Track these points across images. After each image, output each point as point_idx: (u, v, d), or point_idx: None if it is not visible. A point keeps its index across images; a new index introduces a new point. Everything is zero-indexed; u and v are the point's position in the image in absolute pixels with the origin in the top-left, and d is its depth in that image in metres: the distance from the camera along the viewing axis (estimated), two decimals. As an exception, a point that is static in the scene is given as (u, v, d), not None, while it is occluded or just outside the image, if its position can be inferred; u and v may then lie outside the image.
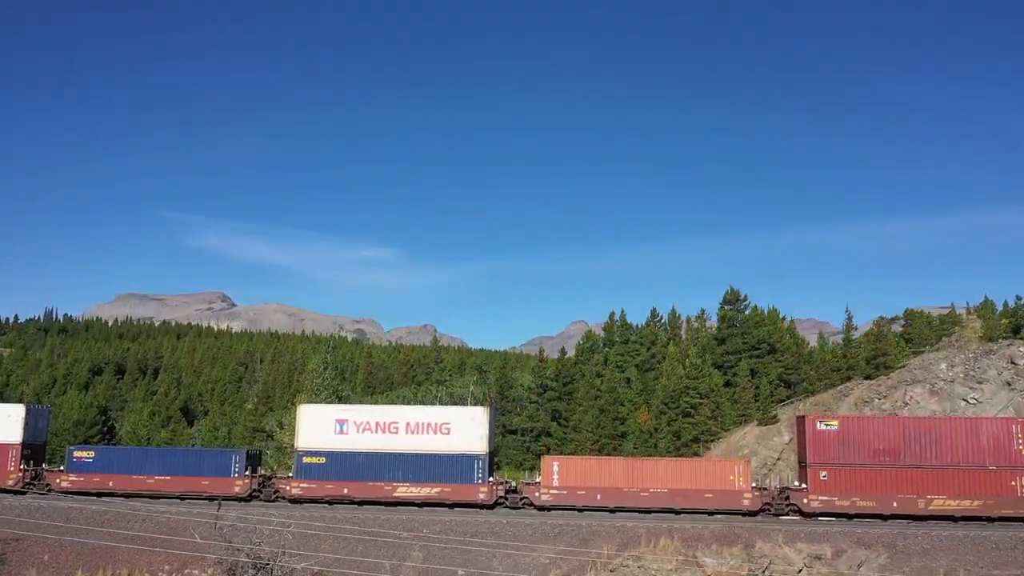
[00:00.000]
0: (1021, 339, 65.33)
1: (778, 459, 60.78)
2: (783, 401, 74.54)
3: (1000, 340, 67.58)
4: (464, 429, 51.33)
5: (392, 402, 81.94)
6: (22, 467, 54.57)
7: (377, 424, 52.18)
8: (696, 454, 63.32)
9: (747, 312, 76.44)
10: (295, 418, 54.07)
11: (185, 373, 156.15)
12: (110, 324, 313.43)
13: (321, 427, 52.47)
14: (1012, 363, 61.45)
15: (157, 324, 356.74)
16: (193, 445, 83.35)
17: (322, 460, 52.00)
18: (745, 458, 61.92)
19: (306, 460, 52.16)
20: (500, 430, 68.39)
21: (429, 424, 51.81)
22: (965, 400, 59.23)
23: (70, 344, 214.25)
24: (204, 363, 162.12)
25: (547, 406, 66.82)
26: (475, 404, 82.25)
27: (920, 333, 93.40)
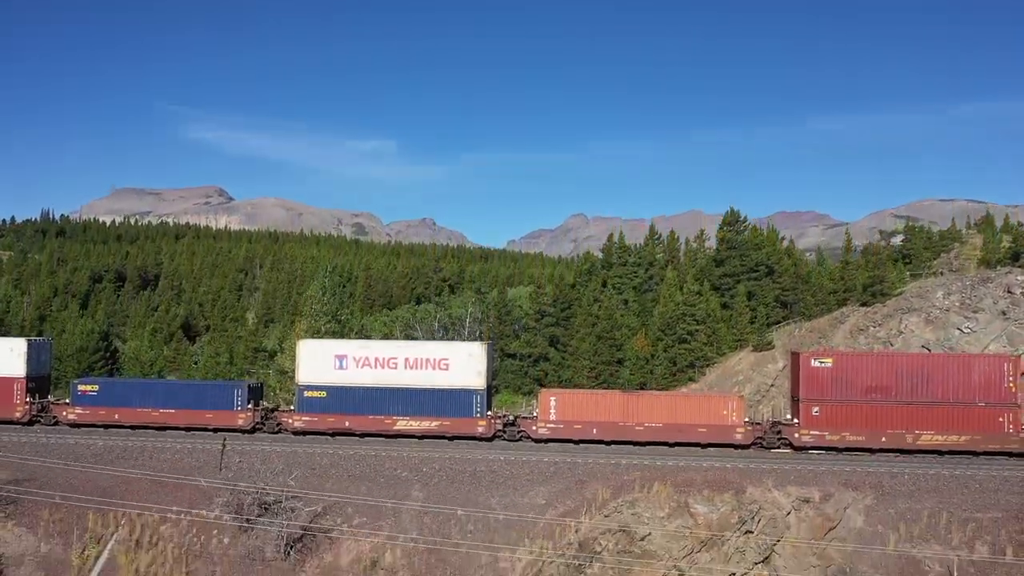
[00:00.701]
0: (1020, 266, 65.22)
1: (771, 385, 61.77)
2: (779, 323, 75.23)
3: (998, 267, 67.51)
4: (462, 365, 51.95)
5: (392, 323, 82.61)
6: (28, 400, 55.52)
7: (376, 359, 52.77)
8: (691, 380, 64.34)
9: (746, 234, 76.00)
10: (295, 350, 54.58)
11: (185, 280, 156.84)
12: (108, 225, 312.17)
13: (321, 362, 53.10)
14: (1008, 292, 61.55)
15: (155, 223, 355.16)
16: (196, 363, 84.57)
17: (323, 394, 52.89)
18: (739, 384, 63.11)
19: (307, 394, 53.07)
20: (498, 355, 69.22)
21: (428, 360, 52.40)
22: (959, 329, 59.67)
23: (69, 248, 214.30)
24: (204, 270, 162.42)
25: (545, 332, 67.35)
26: (473, 323, 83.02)
27: (918, 252, 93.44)
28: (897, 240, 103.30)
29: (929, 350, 59.41)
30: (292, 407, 54.13)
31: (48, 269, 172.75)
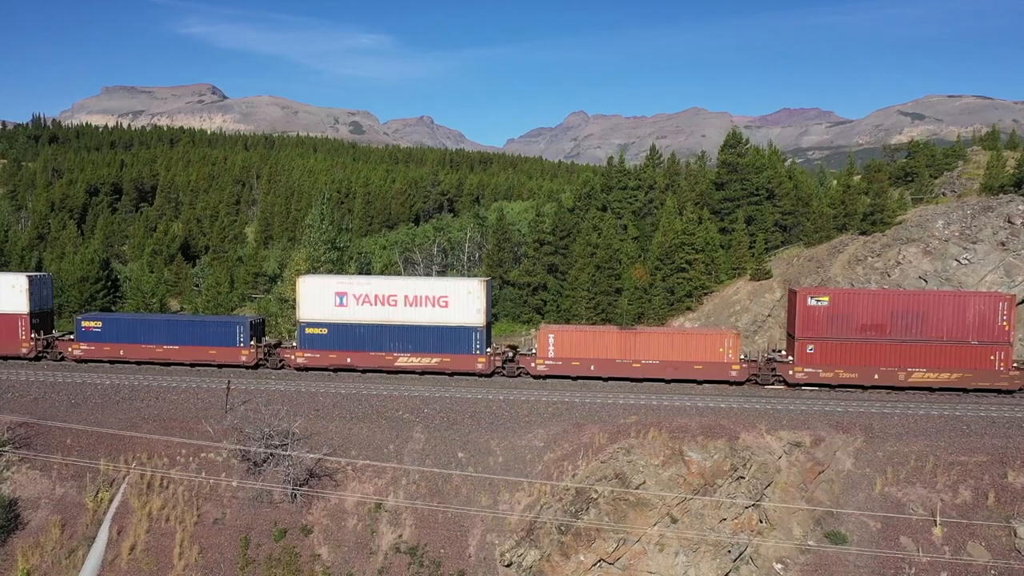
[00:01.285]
0: (1022, 195, 64.70)
1: (768, 315, 62.35)
2: (778, 247, 75.29)
3: (1000, 195, 66.97)
4: (462, 302, 52.35)
5: (391, 247, 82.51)
6: (33, 336, 56.19)
7: (376, 297, 53.13)
8: (689, 309, 64.86)
9: (747, 156, 75.06)
10: (296, 287, 54.83)
11: (182, 193, 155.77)
12: (101, 130, 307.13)
13: (322, 299, 53.48)
14: (1009, 222, 61.30)
15: (148, 125, 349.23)
16: (197, 288, 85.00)
17: (324, 331, 53.54)
18: (736, 314, 63.68)
19: (309, 331, 53.72)
20: (497, 283, 69.57)
21: (428, 297, 52.76)
22: (957, 260, 59.75)
23: (63, 156, 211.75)
24: (200, 182, 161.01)
25: (544, 260, 67.44)
26: (472, 246, 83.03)
27: (921, 171, 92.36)
28: (901, 157, 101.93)
29: (926, 282, 59.70)
30: (294, 343, 54.87)
31: (44, 181, 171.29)
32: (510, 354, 53.59)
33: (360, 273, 71.36)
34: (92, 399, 47.83)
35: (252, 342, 53.98)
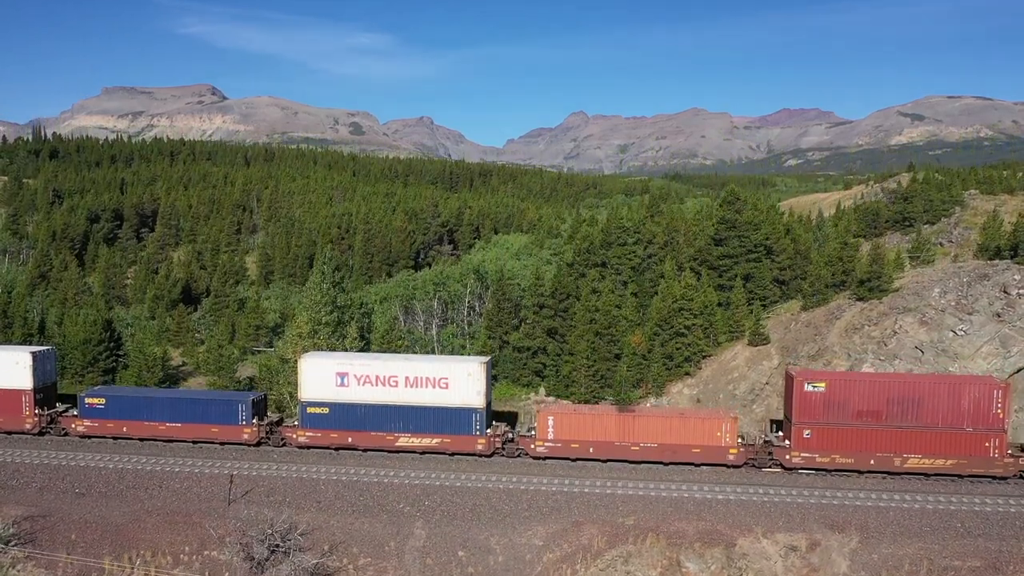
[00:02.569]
0: (1017, 263, 65.17)
1: (766, 383, 62.86)
2: (776, 302, 75.80)
3: (997, 260, 67.45)
4: (462, 384, 52.84)
5: (390, 298, 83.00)
6: (36, 412, 56.70)
7: (377, 377, 53.61)
8: (688, 374, 65.37)
9: (745, 213, 75.57)
10: (298, 366, 55.38)
11: (183, 219, 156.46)
12: (101, 143, 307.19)
13: (323, 379, 54.00)
14: (1004, 292, 61.79)
15: (148, 130, 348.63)
16: (199, 338, 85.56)
17: (326, 411, 54.06)
18: (734, 382, 64.20)
19: (310, 410, 54.24)
20: (497, 343, 70.09)
21: (428, 379, 53.25)
22: (953, 331, 60.23)
23: (63, 174, 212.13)
24: (201, 207, 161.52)
25: (543, 323, 67.94)
26: (472, 292, 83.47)
27: (918, 215, 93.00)
28: (894, 183, 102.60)
29: (923, 352, 60.21)
30: (295, 421, 55.34)
31: (44, 202, 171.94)
32: (510, 435, 54.07)
33: (362, 332, 71.88)
34: (96, 487, 48.31)
35: (254, 420, 54.49)
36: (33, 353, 57.12)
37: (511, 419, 62.37)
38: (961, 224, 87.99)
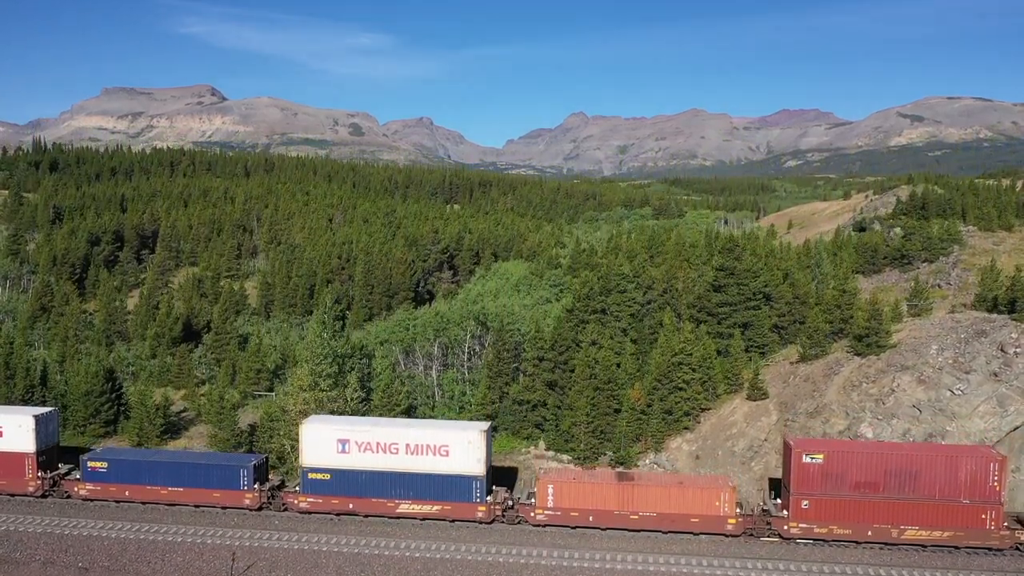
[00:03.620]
0: (1015, 319, 65.48)
1: (765, 440, 63.16)
2: (774, 349, 76.19)
3: (995, 313, 67.82)
4: (462, 452, 53.19)
5: (390, 343, 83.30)
6: (39, 475, 57.05)
7: (378, 444, 53.97)
8: (687, 429, 65.70)
9: (744, 261, 75.93)
10: (299, 433, 55.75)
11: (183, 241, 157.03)
12: (101, 154, 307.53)
13: (324, 445, 54.37)
14: (1002, 351, 62.12)
15: (148, 148, 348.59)
16: (199, 378, 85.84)
17: (327, 477, 54.42)
18: (733, 439, 64.52)
19: (311, 476, 54.60)
20: (497, 395, 70.48)
21: (429, 446, 53.60)
22: (951, 391, 60.54)
23: (63, 190, 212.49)
24: (202, 228, 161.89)
25: (543, 376, 68.30)
26: (472, 336, 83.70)
27: (915, 253, 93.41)
28: (896, 233, 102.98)
29: (920, 411, 60.52)
30: (297, 487, 55.68)
31: (44, 220, 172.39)
32: (510, 502, 54.41)
33: (362, 380, 72.25)
34: (100, 560, 48.56)
35: (256, 485, 54.84)
36: (36, 416, 57.46)
37: (511, 476, 62.85)
38: (959, 265, 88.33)
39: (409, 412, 72.39)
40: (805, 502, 50.47)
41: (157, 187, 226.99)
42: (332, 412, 67.03)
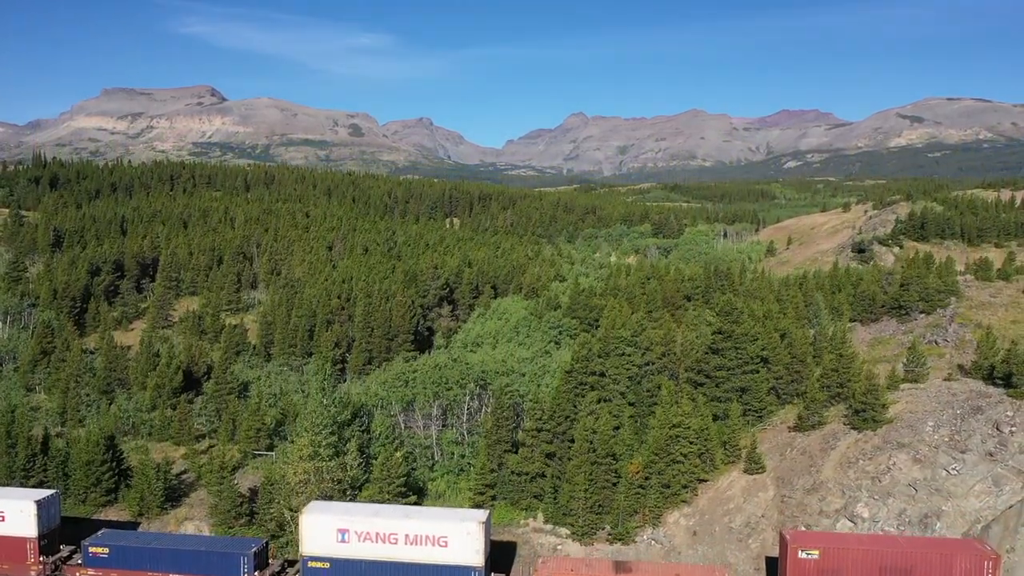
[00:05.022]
0: (1010, 395, 65.89)
1: (762, 516, 63.56)
2: (772, 412, 76.74)
3: (990, 388, 68.27)
4: (461, 543, 53.64)
5: (388, 402, 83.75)
6: (41, 559, 57.51)
7: (377, 535, 54.42)
8: (685, 502, 66.11)
9: (742, 324, 76.37)
10: (298, 522, 56.15)
11: (184, 271, 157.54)
12: (101, 168, 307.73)
13: (324, 534, 54.82)
14: (997, 429, 62.56)
15: (149, 164, 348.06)
16: (196, 416, 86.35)
17: (327, 565, 54.86)
18: (730, 514, 64.96)
19: (312, 564, 55.06)
20: (496, 463, 70.97)
21: (427, 536, 54.05)
22: (946, 470, 60.96)
23: (63, 211, 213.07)
24: (202, 256, 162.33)
25: (542, 447, 68.76)
26: (472, 394, 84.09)
27: (912, 303, 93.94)
28: (894, 276, 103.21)
29: (916, 490, 60.98)
30: (297, 573, 56.17)
31: (45, 243, 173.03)
32: (509, 589, 54.96)
33: (361, 447, 72.68)
34: (101, 659, 49.15)
35: (256, 572, 55.29)
36: (38, 501, 57.91)
37: (510, 552, 63.34)
38: (956, 319, 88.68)
39: (408, 476, 72.88)
40: (801, 599, 50.93)
41: (157, 207, 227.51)
42: (332, 481, 67.64)
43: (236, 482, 73.57)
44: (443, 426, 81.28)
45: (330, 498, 64.98)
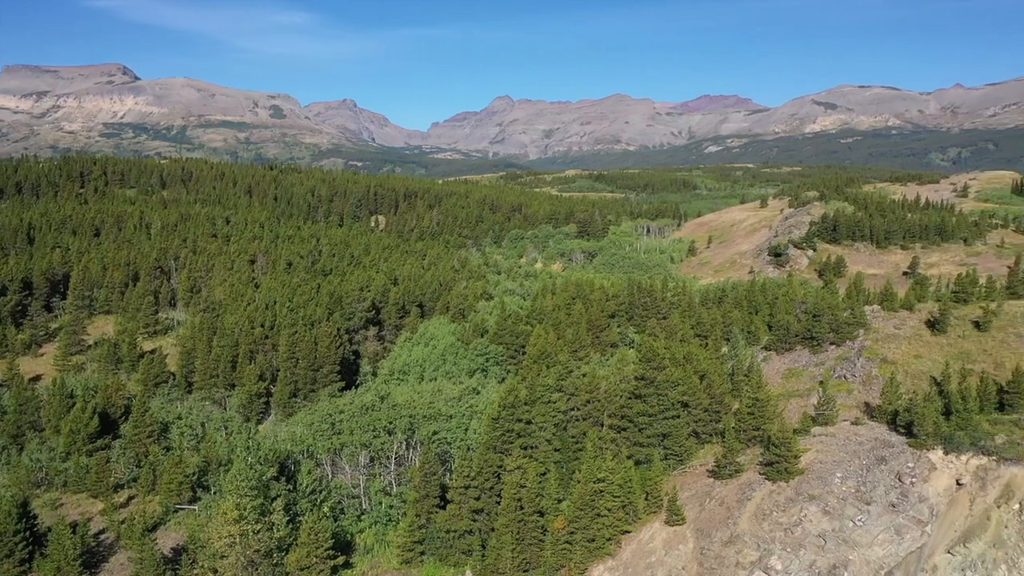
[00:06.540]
0: (910, 444, 69.83)
1: (683, 569, 65.99)
2: (692, 454, 79.44)
3: (893, 436, 72.13)
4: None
5: (315, 449, 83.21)
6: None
7: (306, 616, 54.41)
8: (609, 555, 68.04)
9: (663, 372, 78.63)
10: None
11: (96, 288, 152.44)
12: (6, 165, 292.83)
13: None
14: (899, 480, 66.35)
15: (58, 160, 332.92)
16: (115, 462, 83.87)
17: (254, 648, 54.63)
18: (652, 567, 67.22)
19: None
20: (423, 519, 71.58)
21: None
22: (853, 521, 64.42)
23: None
24: (116, 272, 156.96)
25: (469, 504, 69.65)
26: (400, 442, 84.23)
27: (823, 335, 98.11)
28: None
29: (825, 541, 64.27)
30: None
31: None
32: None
33: (288, 505, 72.20)
34: None
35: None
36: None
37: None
38: (864, 353, 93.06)
39: (337, 528, 72.99)
40: (718, 663, 53.28)
41: (68, 211, 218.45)
42: (258, 542, 67.11)
43: (157, 542, 72.20)
44: (371, 475, 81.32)
45: (255, 564, 64.64)
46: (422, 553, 70.52)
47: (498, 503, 69.14)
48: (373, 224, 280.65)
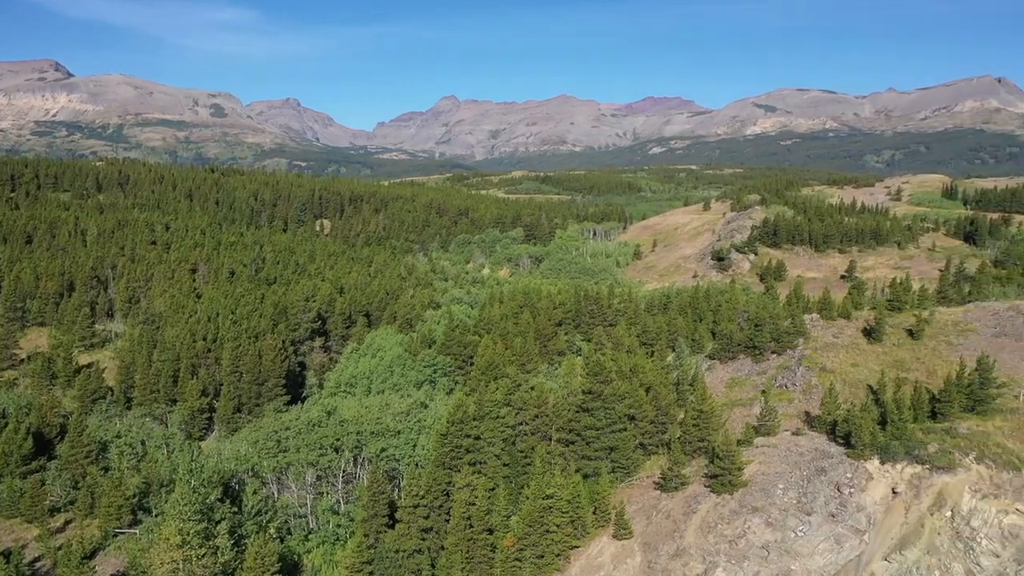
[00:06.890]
0: (848, 455, 71.85)
1: (631, 582, 66.89)
2: (639, 466, 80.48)
3: (834, 446, 74.14)
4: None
5: (262, 467, 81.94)
6: None
7: (252, 646, 53.58)
8: (558, 571, 68.59)
9: (610, 386, 79.47)
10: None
11: (30, 299, 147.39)
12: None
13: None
14: (838, 491, 68.25)
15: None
16: (50, 485, 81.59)
17: None
18: (601, 582, 67.86)
19: None
20: (373, 539, 71.08)
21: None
22: (795, 532, 66.13)
23: None
24: (50, 283, 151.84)
25: (419, 523, 69.39)
26: (347, 460, 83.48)
27: (764, 344, 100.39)
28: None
29: (768, 552, 65.78)
30: None
31: None
32: None
33: (233, 527, 71.00)
34: None
35: None
36: None
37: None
38: (804, 362, 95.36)
39: (283, 558, 71.94)
40: None
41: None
42: (202, 568, 65.84)
43: (96, 569, 70.30)
44: (318, 494, 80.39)
45: (201, 589, 63.44)
46: (371, 574, 69.92)
47: (447, 521, 69.05)
48: (318, 228, 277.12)
